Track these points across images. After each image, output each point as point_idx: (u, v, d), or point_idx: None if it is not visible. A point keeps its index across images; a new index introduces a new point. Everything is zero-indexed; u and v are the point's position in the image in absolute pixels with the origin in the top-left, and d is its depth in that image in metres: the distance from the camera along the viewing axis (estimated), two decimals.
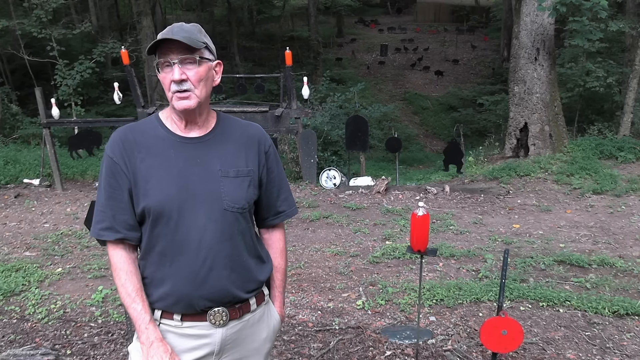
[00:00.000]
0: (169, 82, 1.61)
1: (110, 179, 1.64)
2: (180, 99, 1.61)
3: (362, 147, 9.27)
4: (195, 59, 1.61)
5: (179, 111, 1.64)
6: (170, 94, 1.62)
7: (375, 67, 26.97)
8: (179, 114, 1.66)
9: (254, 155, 1.75)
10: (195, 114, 1.67)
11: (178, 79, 1.59)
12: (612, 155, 9.31)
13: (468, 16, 34.94)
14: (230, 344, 1.73)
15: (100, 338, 3.77)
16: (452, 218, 6.82)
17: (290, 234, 6.10)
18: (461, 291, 4.33)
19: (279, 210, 1.88)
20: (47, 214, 7.29)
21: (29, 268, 5.06)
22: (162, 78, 1.62)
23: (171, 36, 1.57)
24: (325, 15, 33.02)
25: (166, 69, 1.61)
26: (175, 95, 1.61)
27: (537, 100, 9.59)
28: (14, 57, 15.60)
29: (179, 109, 1.62)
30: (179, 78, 1.59)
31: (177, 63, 1.59)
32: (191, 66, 1.61)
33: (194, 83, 1.62)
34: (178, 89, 1.60)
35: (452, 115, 20.97)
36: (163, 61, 1.60)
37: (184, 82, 1.60)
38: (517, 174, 8.89)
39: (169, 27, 1.64)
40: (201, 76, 1.63)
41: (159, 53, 1.61)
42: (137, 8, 16.44)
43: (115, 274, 1.66)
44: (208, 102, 1.71)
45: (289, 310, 4.11)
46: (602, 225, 6.49)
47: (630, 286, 4.53)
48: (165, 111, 1.74)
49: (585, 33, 9.21)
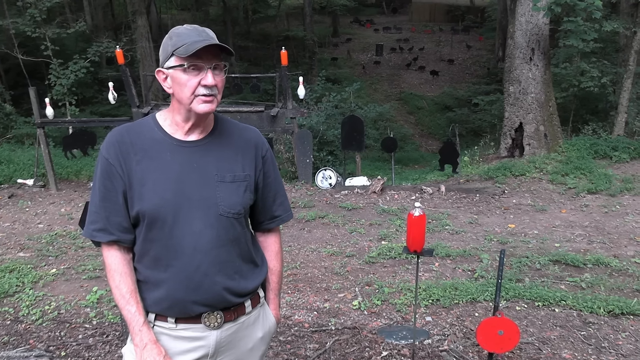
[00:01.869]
0: (195, 84, 1.59)
1: (105, 180, 1.62)
2: (204, 102, 1.60)
3: (357, 147, 9.26)
4: (225, 66, 1.63)
5: (199, 114, 1.62)
6: (192, 96, 1.60)
7: (370, 67, 27.00)
8: (190, 116, 1.65)
9: (251, 159, 1.74)
10: (207, 118, 1.68)
11: (212, 83, 1.59)
12: (606, 154, 9.35)
13: (463, 16, 35.06)
14: (225, 346, 1.72)
15: (95, 339, 3.75)
16: (447, 218, 6.83)
17: (286, 234, 6.10)
18: (457, 291, 4.34)
19: (275, 214, 1.88)
20: (41, 214, 7.25)
21: (23, 269, 5.03)
22: (185, 80, 1.59)
23: (211, 42, 1.56)
24: (321, 15, 33.04)
25: (193, 72, 1.59)
26: (200, 99, 1.60)
27: (532, 100, 9.62)
28: (7, 57, 15.50)
29: (201, 112, 1.61)
30: (212, 83, 1.59)
31: (210, 68, 1.59)
32: (219, 72, 1.62)
33: (220, 89, 1.64)
34: (206, 93, 1.59)
35: (447, 115, 21.02)
36: (192, 64, 1.58)
37: (213, 88, 1.60)
38: (512, 173, 8.91)
39: (187, 28, 1.61)
40: (224, 82, 1.66)
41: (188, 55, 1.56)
42: (132, 7, 16.38)
43: (109, 276, 1.65)
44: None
45: (285, 311, 4.10)
46: (596, 225, 6.51)
47: (625, 285, 4.54)
48: (163, 113, 1.72)
49: (579, 33, 9.24)
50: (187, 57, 1.56)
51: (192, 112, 1.62)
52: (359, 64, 27.51)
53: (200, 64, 1.58)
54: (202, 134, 1.69)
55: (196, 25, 1.64)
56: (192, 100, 1.60)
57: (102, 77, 17.72)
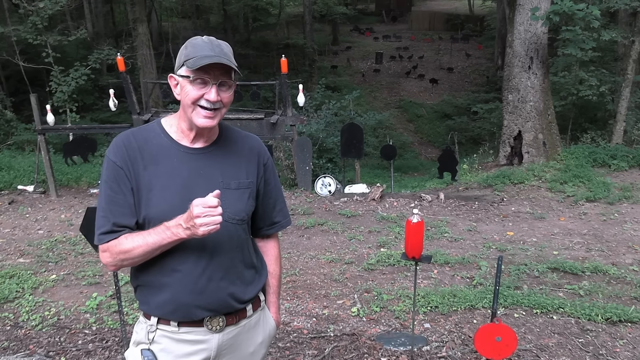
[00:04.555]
0: (198, 96, 1.60)
1: (112, 183, 1.63)
2: (205, 117, 1.62)
3: (357, 154, 9.29)
4: (232, 84, 1.64)
5: (198, 127, 1.64)
6: (193, 107, 1.61)
7: (370, 75, 27.09)
8: (193, 126, 1.66)
9: (254, 167, 1.77)
10: (210, 130, 1.69)
11: (214, 99, 1.60)
12: (605, 163, 9.38)
13: (462, 25, 35.23)
14: (227, 349, 1.74)
15: (95, 345, 3.76)
16: (446, 225, 6.85)
17: (285, 241, 6.11)
18: (455, 298, 4.35)
19: (275, 220, 1.91)
20: (41, 220, 7.27)
21: (23, 275, 5.04)
22: (189, 90, 1.60)
23: (221, 61, 1.56)
24: (321, 23, 33.20)
25: (199, 85, 1.60)
26: (200, 112, 1.61)
27: (530, 108, 9.66)
28: (8, 63, 15.57)
29: (200, 125, 1.62)
30: (215, 99, 1.60)
31: (215, 84, 1.60)
32: (226, 89, 1.63)
33: (225, 105, 1.64)
34: (207, 107, 1.61)
35: (446, 123, 21.07)
36: (198, 77, 1.59)
37: (217, 103, 1.61)
38: (511, 181, 8.93)
39: (203, 41, 1.62)
40: (230, 99, 1.66)
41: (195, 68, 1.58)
42: (133, 15, 16.47)
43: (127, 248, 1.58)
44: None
45: (284, 317, 4.11)
46: (595, 233, 6.52)
47: (623, 293, 4.56)
48: (169, 119, 1.73)
49: (578, 42, 9.31)
50: (194, 70, 1.58)
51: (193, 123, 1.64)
52: (358, 72, 27.60)
53: (207, 78, 1.59)
54: (207, 141, 1.72)
55: (213, 39, 1.64)
56: (193, 110, 1.62)
57: (102, 84, 17.75)
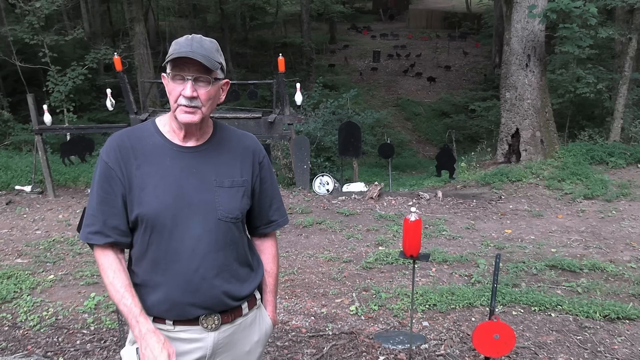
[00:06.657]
0: (178, 94, 1.61)
1: (103, 184, 1.64)
2: (185, 112, 1.62)
3: (354, 153, 9.30)
4: (210, 79, 1.62)
5: (182, 123, 1.65)
6: (176, 105, 1.62)
7: (367, 74, 27.09)
8: (180, 124, 1.67)
9: (249, 165, 1.77)
10: (195, 127, 1.69)
11: (190, 95, 1.59)
12: (602, 160, 9.40)
13: (460, 23, 35.22)
14: (222, 347, 1.74)
15: (93, 345, 3.76)
16: (444, 223, 6.85)
17: (284, 240, 6.11)
18: (454, 296, 4.35)
19: (271, 219, 1.91)
20: (39, 220, 7.25)
21: (21, 275, 5.03)
22: (171, 88, 1.62)
23: (191, 55, 1.56)
24: (318, 22, 33.15)
25: (177, 81, 1.60)
26: (181, 108, 1.62)
27: (528, 106, 9.67)
28: (5, 63, 15.51)
29: (182, 121, 1.63)
30: (190, 95, 1.59)
31: (191, 80, 1.59)
32: (203, 85, 1.62)
33: (203, 101, 1.63)
34: (186, 104, 1.61)
35: (444, 121, 21.07)
36: (176, 74, 1.60)
37: (194, 99, 1.61)
38: (509, 179, 8.95)
39: (186, 38, 1.62)
40: (211, 96, 1.64)
41: (173, 65, 1.60)
42: (130, 14, 16.44)
43: (103, 273, 1.66)
44: (209, 116, 1.73)
45: (282, 316, 4.11)
46: (593, 230, 6.54)
47: (621, 290, 4.56)
48: (163, 118, 1.74)
49: (575, 40, 9.31)
50: (171, 67, 1.59)
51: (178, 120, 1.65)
52: (356, 71, 27.60)
53: (182, 74, 1.59)
54: (200, 140, 1.72)
55: (197, 36, 1.64)
56: (176, 108, 1.63)
57: (99, 84, 17.72)
